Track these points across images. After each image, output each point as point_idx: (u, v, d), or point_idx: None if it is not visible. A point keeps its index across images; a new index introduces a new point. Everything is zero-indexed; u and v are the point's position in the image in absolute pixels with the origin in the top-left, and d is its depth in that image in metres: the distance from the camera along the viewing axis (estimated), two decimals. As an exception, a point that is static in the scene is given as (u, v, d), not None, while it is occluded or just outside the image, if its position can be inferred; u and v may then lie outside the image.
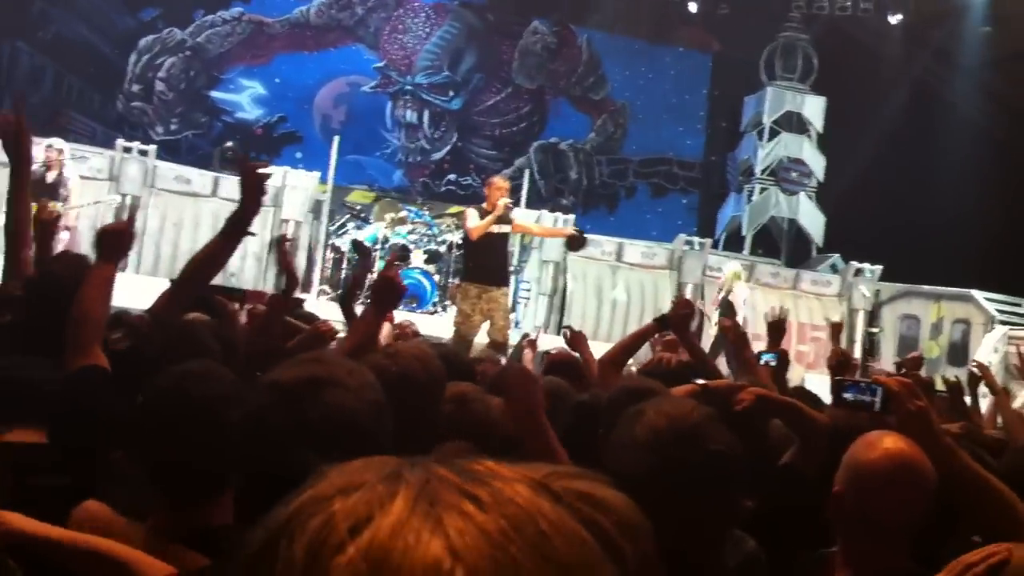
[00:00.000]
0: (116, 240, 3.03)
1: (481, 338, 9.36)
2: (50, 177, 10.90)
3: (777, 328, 5.51)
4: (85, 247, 12.35)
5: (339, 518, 0.67)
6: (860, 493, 2.24)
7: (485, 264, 9.51)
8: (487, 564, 0.64)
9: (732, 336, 5.16)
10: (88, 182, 12.51)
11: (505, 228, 9.65)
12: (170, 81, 18.69)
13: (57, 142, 11.34)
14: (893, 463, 2.23)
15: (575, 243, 10.76)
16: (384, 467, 0.71)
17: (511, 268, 11.73)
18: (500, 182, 9.75)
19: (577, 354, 5.45)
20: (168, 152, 15.84)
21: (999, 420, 5.66)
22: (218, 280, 13.30)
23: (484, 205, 9.51)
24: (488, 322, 9.34)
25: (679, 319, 4.83)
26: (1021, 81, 17.28)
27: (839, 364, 5.35)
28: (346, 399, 1.88)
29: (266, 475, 1.65)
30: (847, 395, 2.66)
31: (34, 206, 10.64)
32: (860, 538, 2.28)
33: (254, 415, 1.88)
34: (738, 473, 2.09)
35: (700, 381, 3.41)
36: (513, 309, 14.45)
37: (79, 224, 11.54)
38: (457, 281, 10.72)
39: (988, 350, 13.23)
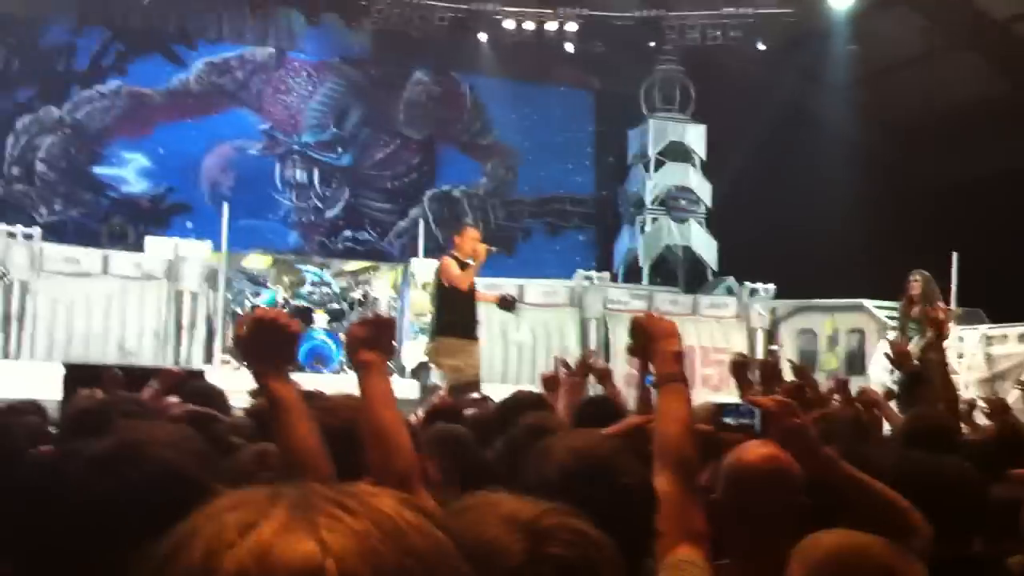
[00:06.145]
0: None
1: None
2: None
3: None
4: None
5: (230, 524, 0.79)
6: (738, 494, 2.49)
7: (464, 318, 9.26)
8: (353, 556, 0.77)
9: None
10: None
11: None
12: (51, 161, 18.29)
13: None
14: (766, 462, 2.50)
15: (507, 305, 10.18)
16: (266, 488, 0.84)
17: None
18: (473, 231, 9.55)
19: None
20: (54, 234, 15.47)
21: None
22: (116, 359, 12.88)
23: (456, 254, 9.22)
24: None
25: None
26: (889, 95, 18.00)
27: (737, 365, 5.45)
28: (167, 455, 1.88)
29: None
30: (728, 419, 2.59)
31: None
32: (742, 539, 2.50)
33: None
34: (651, 503, 2.08)
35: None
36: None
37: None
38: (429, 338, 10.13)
39: (883, 355, 13.63)
